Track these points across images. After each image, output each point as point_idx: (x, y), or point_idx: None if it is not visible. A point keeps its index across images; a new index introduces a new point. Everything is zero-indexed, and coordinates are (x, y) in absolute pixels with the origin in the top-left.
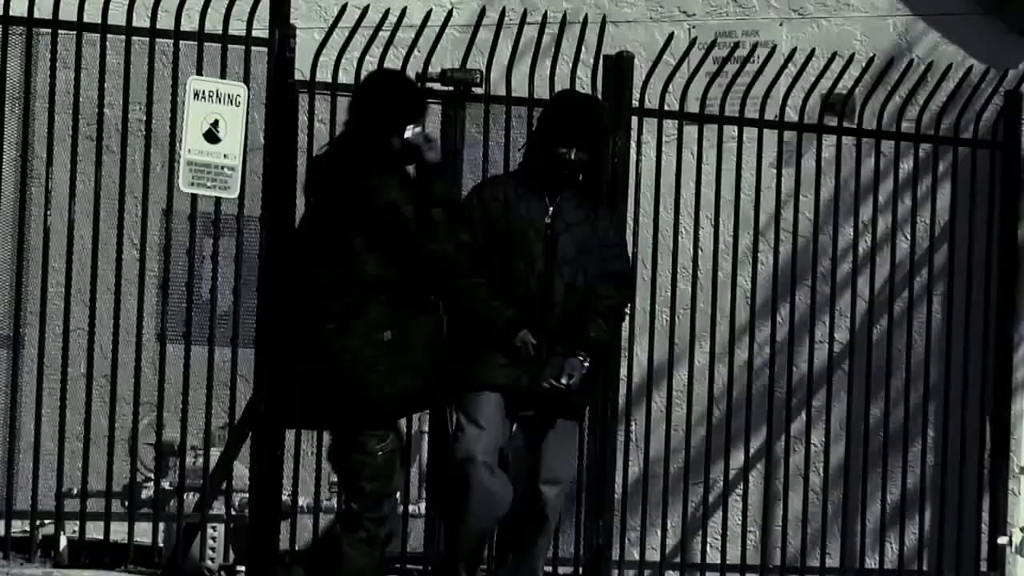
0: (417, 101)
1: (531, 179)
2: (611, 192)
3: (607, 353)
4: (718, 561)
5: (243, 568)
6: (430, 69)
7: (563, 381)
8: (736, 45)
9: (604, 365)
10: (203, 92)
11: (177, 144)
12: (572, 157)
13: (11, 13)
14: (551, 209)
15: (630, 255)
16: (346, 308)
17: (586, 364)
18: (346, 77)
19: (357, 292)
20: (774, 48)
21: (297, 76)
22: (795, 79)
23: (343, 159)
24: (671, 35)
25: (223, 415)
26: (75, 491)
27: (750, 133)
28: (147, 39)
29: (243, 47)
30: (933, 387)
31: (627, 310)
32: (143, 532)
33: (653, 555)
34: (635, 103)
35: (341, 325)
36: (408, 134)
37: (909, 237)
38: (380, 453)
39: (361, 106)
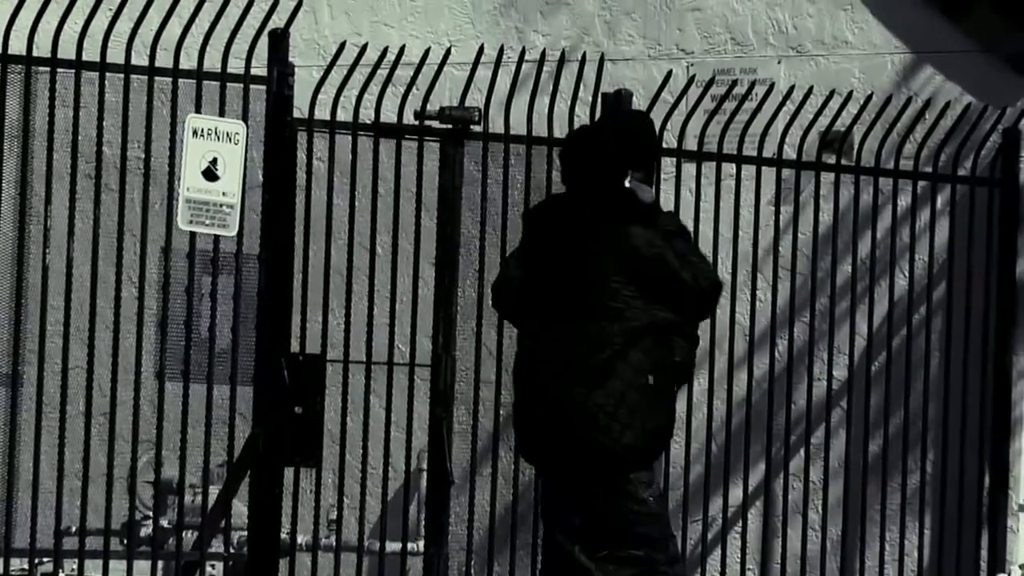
0: (647, 146)
1: None
2: None
3: (690, 377)
4: None
5: None
6: (428, 107)
7: None
8: (734, 83)
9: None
10: (202, 130)
11: (176, 182)
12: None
13: (9, 52)
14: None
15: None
16: (611, 355)
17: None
18: (344, 115)
19: (622, 340)
20: (772, 86)
21: (296, 114)
22: (793, 116)
23: (580, 209)
24: (669, 73)
25: (222, 453)
26: (74, 529)
27: (748, 171)
28: (146, 77)
29: (242, 85)
30: (932, 424)
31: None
32: (142, 570)
33: None
34: None
35: (605, 373)
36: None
37: (907, 274)
38: (651, 499)
39: (592, 153)
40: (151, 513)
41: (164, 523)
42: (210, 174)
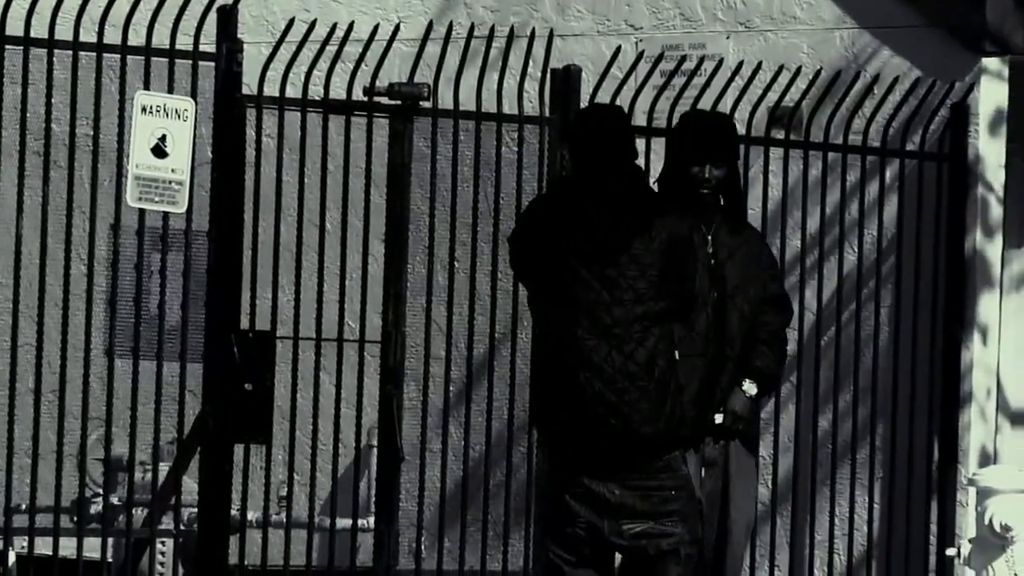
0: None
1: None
2: None
3: (777, 382)
4: None
5: None
6: (377, 83)
7: (720, 420)
8: (683, 58)
9: (775, 393)
10: (150, 107)
11: (125, 159)
12: (707, 175)
13: None
14: (709, 238)
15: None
16: (653, 338)
17: (750, 396)
18: (293, 91)
19: (659, 325)
20: (721, 61)
21: (244, 90)
22: (742, 92)
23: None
24: (618, 48)
25: (172, 430)
26: (23, 507)
27: None
28: (94, 54)
29: (190, 62)
30: (881, 398)
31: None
32: (92, 547)
33: None
34: None
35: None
36: None
37: (857, 249)
38: (686, 475)
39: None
40: (101, 490)
41: (114, 500)
42: (159, 151)
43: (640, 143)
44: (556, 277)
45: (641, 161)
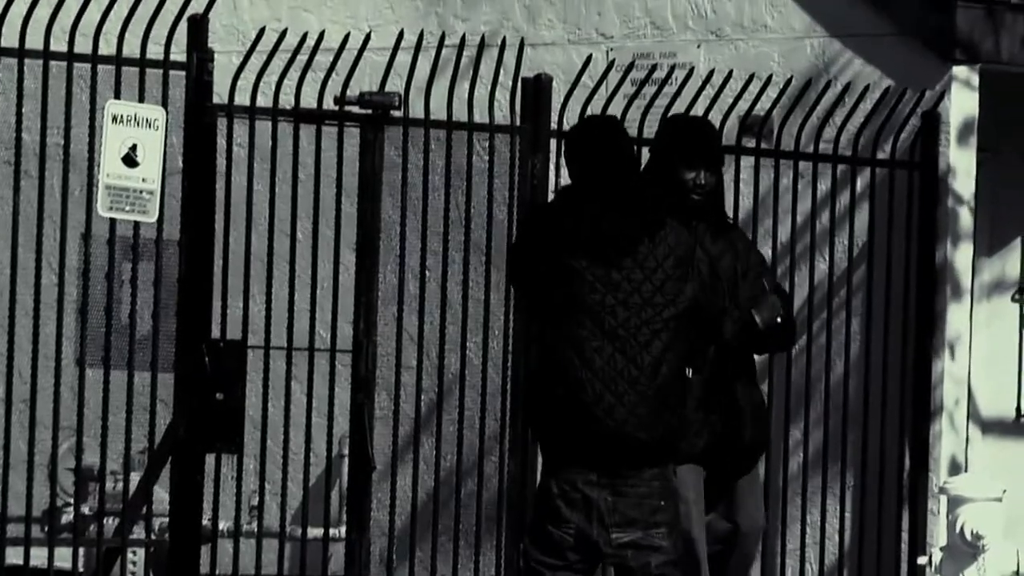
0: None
1: None
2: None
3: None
4: None
5: None
6: (348, 92)
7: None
8: (654, 67)
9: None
10: (121, 116)
11: (95, 168)
12: (701, 181)
13: None
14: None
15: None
16: (663, 344)
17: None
18: (264, 100)
19: (671, 332)
20: (692, 70)
21: (215, 99)
22: (713, 100)
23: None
24: (589, 57)
25: (143, 439)
26: None
27: None
28: (65, 63)
29: (161, 71)
30: (853, 407)
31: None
32: (63, 557)
33: None
34: (554, 125)
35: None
36: None
37: (828, 257)
38: (675, 488)
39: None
40: (72, 500)
41: (85, 510)
42: (130, 160)
43: None
44: (561, 282)
45: None
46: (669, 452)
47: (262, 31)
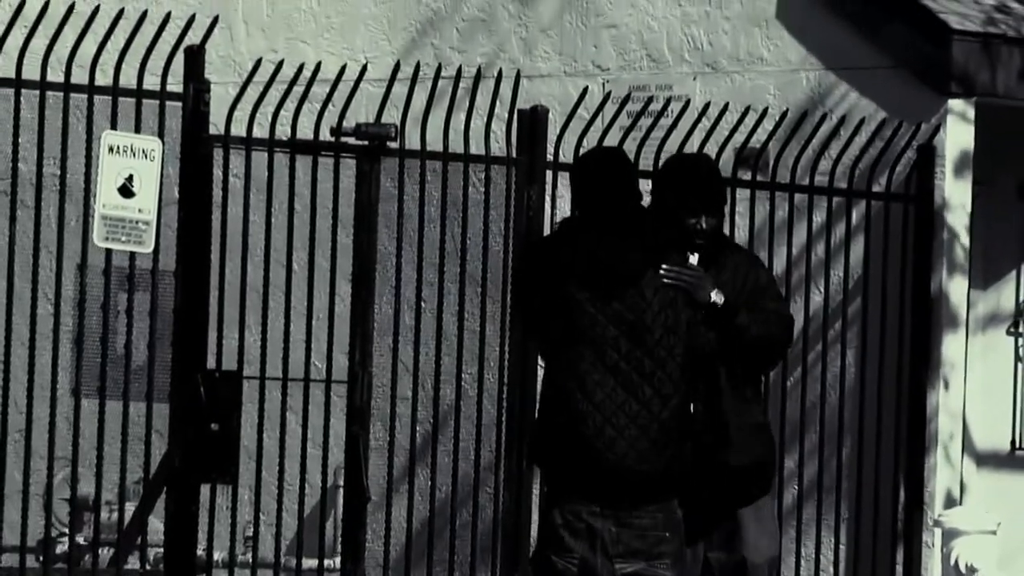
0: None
1: None
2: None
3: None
4: None
5: None
6: (345, 123)
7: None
8: (650, 99)
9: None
10: (117, 146)
11: (92, 198)
12: (704, 226)
13: None
14: None
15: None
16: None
17: (716, 302)
18: (260, 131)
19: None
20: (688, 102)
21: (212, 130)
22: (709, 133)
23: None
24: (585, 89)
25: (138, 470)
26: None
27: None
28: (61, 93)
29: (158, 102)
30: (847, 438)
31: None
32: None
33: None
34: (549, 157)
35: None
36: None
37: (823, 289)
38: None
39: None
40: (67, 530)
41: (80, 540)
42: (126, 190)
43: None
44: (560, 312)
45: None
46: (671, 486)
47: (259, 62)
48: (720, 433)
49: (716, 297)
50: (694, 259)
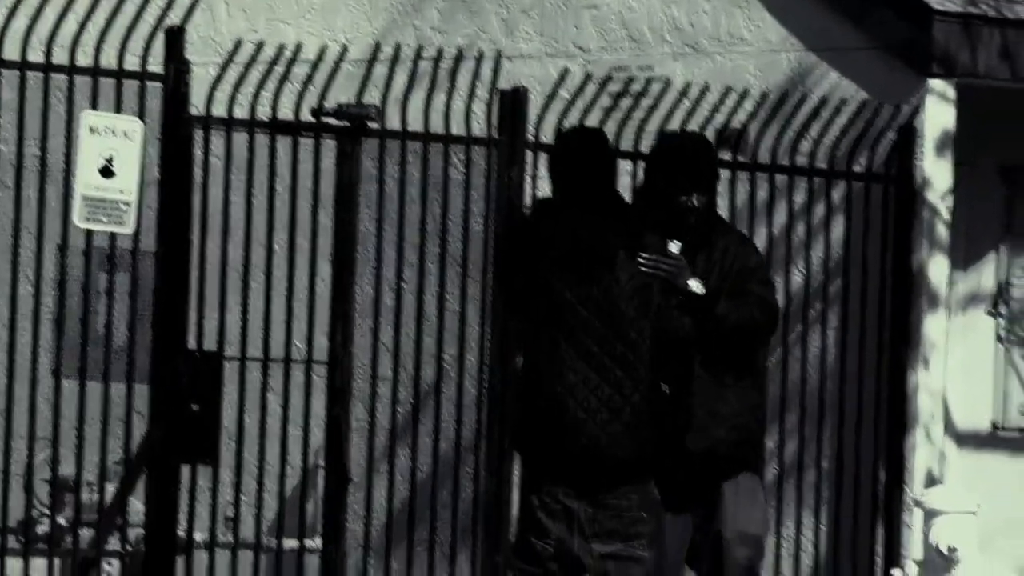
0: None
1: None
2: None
3: (710, 309)
4: None
5: None
6: (325, 104)
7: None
8: (630, 80)
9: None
10: (98, 127)
11: (72, 179)
12: (695, 203)
13: None
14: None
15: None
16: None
17: (694, 291)
18: (241, 112)
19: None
20: (668, 83)
21: (192, 111)
22: (689, 113)
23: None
24: (565, 70)
25: (118, 450)
26: None
27: None
28: (42, 74)
29: (138, 82)
30: (827, 418)
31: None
32: (39, 568)
33: None
34: (530, 138)
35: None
36: None
37: (804, 271)
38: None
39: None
40: (48, 511)
41: (61, 521)
42: (106, 171)
43: None
44: (536, 293)
45: None
46: (646, 467)
47: (239, 43)
48: (683, 417)
49: (696, 287)
50: (675, 246)
